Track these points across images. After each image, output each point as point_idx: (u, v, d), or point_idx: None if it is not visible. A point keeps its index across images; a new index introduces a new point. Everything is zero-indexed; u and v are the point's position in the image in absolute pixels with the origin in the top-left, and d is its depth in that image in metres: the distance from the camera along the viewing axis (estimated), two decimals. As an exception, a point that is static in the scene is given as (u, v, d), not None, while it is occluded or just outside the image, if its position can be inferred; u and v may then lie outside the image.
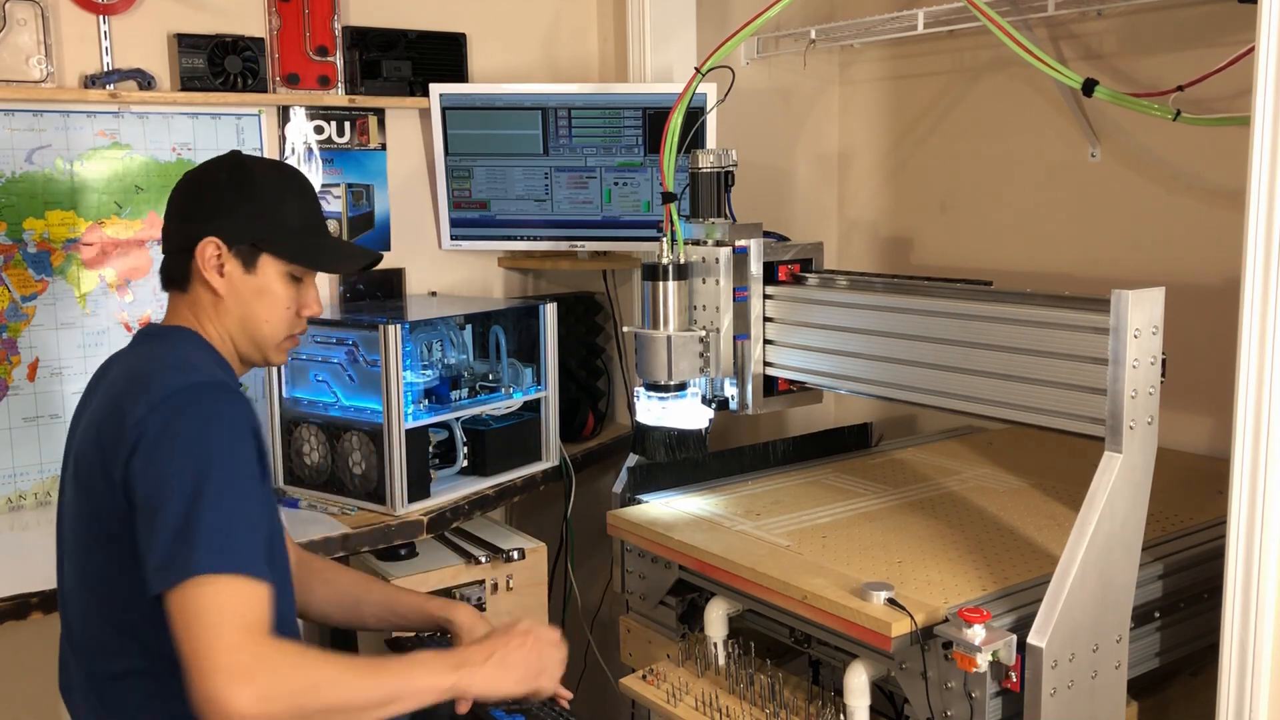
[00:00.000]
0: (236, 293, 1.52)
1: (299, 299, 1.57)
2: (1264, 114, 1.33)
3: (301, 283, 1.57)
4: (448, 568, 2.20)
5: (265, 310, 1.53)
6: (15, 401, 2.24)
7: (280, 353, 1.58)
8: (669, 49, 2.70)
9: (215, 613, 1.29)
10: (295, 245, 1.54)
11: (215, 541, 1.30)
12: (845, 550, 1.76)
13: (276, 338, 1.56)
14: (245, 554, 1.32)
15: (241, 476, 1.36)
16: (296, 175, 1.60)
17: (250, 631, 1.30)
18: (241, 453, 1.37)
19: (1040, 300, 1.60)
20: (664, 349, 1.95)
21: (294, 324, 1.58)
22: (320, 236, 1.60)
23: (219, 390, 1.41)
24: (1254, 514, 1.39)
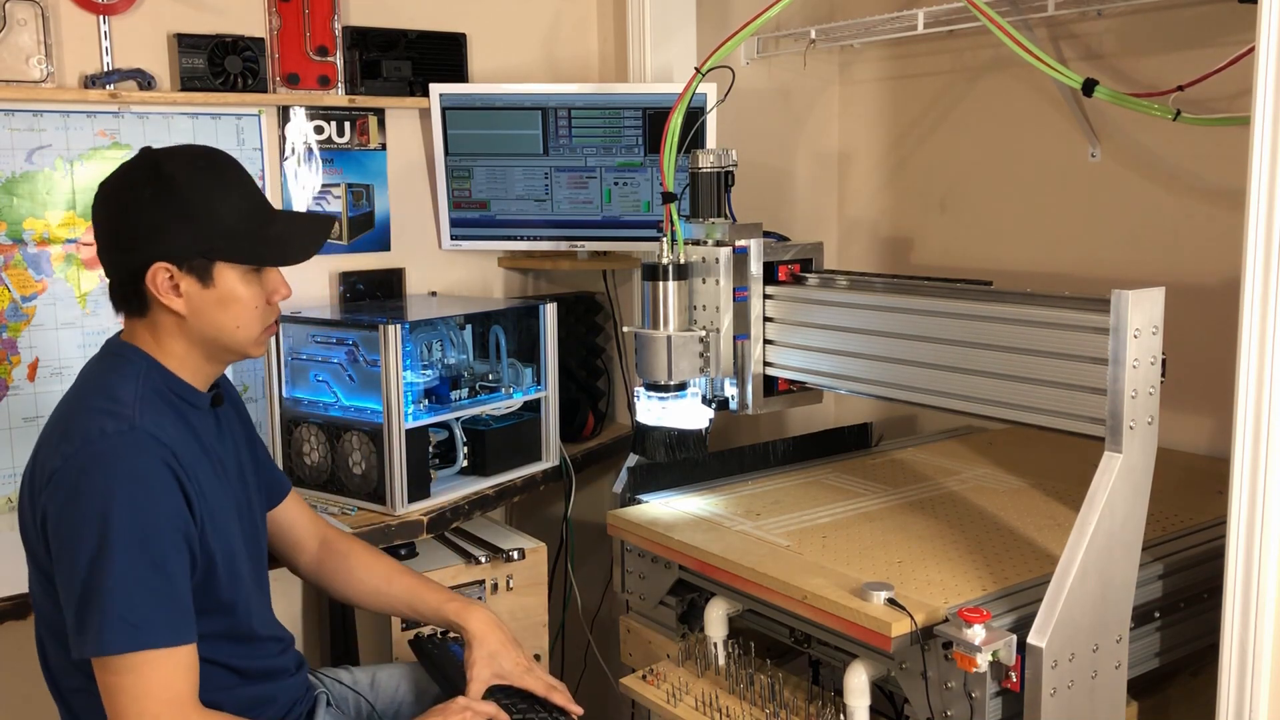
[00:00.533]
0: (199, 309, 1.47)
1: (263, 291, 1.52)
2: (1264, 114, 1.33)
3: (261, 273, 1.52)
4: (448, 568, 2.20)
5: (234, 317, 1.49)
6: (15, 401, 2.24)
7: (260, 346, 1.55)
8: (669, 49, 2.70)
9: (136, 689, 1.33)
10: (247, 245, 1.48)
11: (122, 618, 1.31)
12: (845, 550, 1.76)
13: (252, 337, 1.52)
14: (157, 625, 1.33)
15: (150, 538, 1.34)
16: (217, 164, 1.50)
17: (172, 705, 1.34)
18: (150, 511, 1.35)
19: (1040, 300, 1.60)
20: (664, 349, 1.95)
21: (266, 315, 1.53)
22: (267, 224, 1.51)
23: (130, 440, 1.37)
24: (1254, 514, 1.39)
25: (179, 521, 1.39)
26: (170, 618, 1.36)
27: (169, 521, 1.37)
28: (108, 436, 1.37)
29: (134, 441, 1.37)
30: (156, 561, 1.35)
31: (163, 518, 1.37)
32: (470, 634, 1.71)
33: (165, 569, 1.36)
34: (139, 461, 1.36)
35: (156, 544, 1.35)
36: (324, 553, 1.81)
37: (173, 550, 1.37)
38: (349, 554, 1.81)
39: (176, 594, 1.37)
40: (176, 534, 1.38)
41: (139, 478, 1.36)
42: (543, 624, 2.32)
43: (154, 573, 1.35)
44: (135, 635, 1.32)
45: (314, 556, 1.82)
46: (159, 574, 1.35)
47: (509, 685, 1.68)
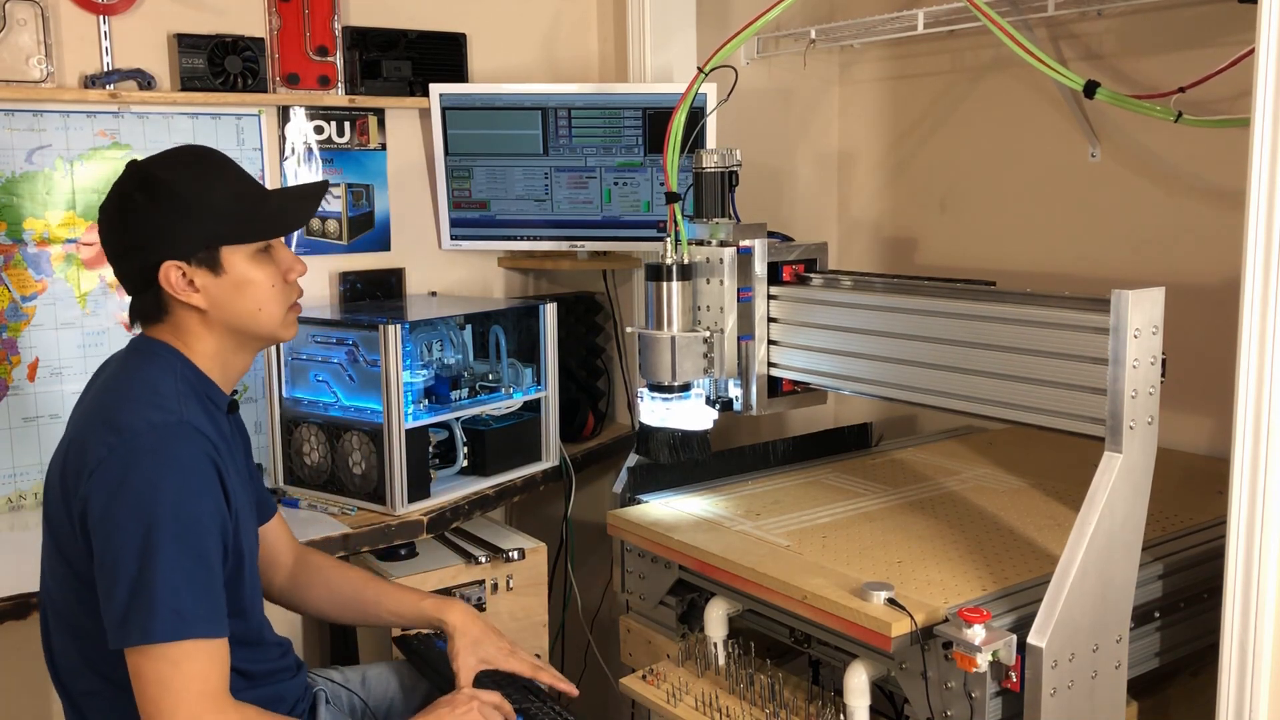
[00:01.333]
0: (218, 299, 1.48)
1: (278, 269, 1.52)
2: (1264, 115, 1.33)
3: (271, 253, 1.52)
4: (448, 568, 2.20)
5: (253, 300, 1.49)
6: (15, 401, 2.24)
7: (288, 327, 1.55)
8: (669, 49, 2.70)
9: (175, 679, 1.32)
10: (246, 224, 1.49)
11: (169, 606, 1.32)
12: (845, 550, 1.76)
13: (277, 318, 1.53)
14: (200, 616, 1.34)
15: (195, 531, 1.35)
16: (204, 156, 1.53)
17: (208, 697, 1.34)
18: (195, 503, 1.36)
19: (1040, 300, 1.60)
20: (668, 350, 1.95)
21: (286, 294, 1.54)
22: (261, 201, 1.52)
23: (178, 432, 1.38)
24: (1254, 514, 1.40)
25: (220, 515, 1.40)
26: (212, 609, 1.36)
27: (211, 514, 1.38)
28: (155, 428, 1.38)
29: (181, 433, 1.38)
30: (200, 553, 1.36)
31: (206, 510, 1.37)
32: (451, 626, 1.73)
33: (207, 561, 1.37)
34: (186, 453, 1.37)
35: (200, 535, 1.36)
36: (297, 568, 1.81)
37: (213, 543, 1.39)
38: (322, 567, 1.82)
39: (216, 587, 1.38)
40: (216, 527, 1.39)
41: (186, 469, 1.37)
42: (543, 624, 2.32)
43: (198, 564, 1.35)
44: (180, 625, 1.32)
45: (289, 574, 1.81)
46: (202, 565, 1.36)
47: (496, 670, 1.70)
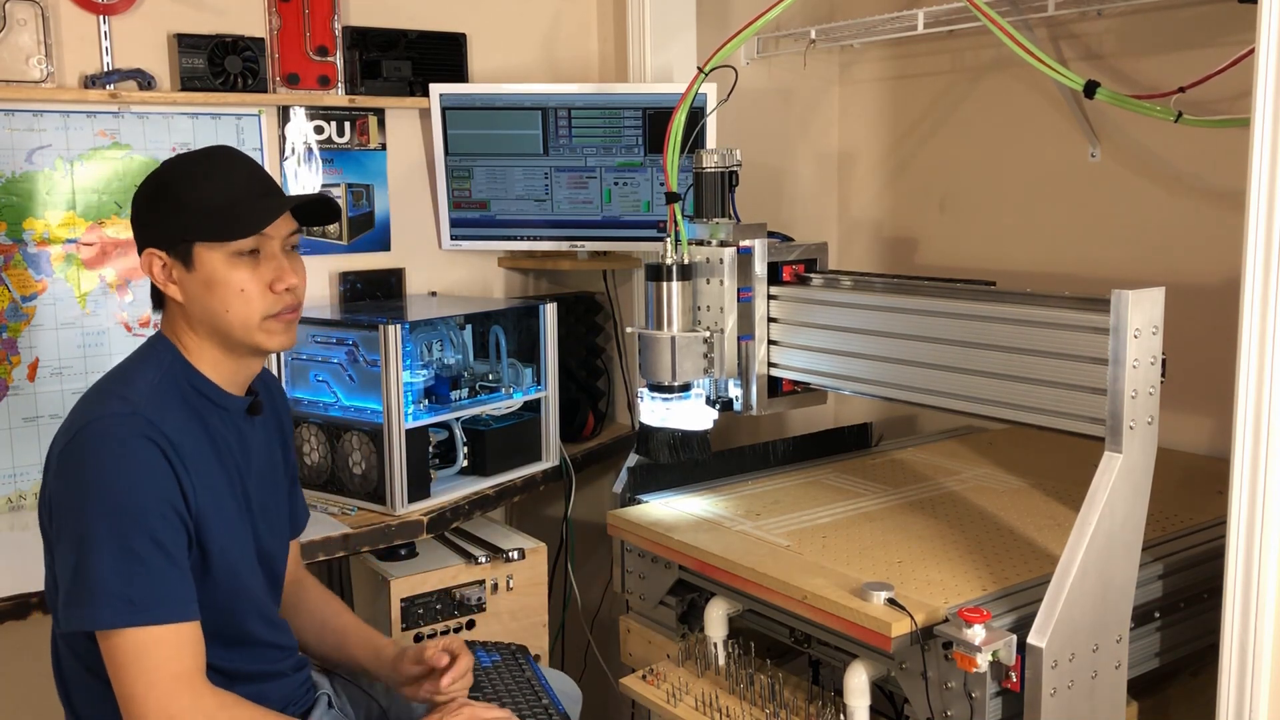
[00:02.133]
0: (191, 295, 1.48)
1: (260, 276, 1.49)
2: (1264, 115, 1.33)
3: (256, 259, 1.49)
4: (448, 568, 2.20)
5: (220, 300, 1.48)
6: (15, 401, 2.24)
7: (266, 334, 1.51)
8: (669, 49, 2.70)
9: (145, 663, 1.34)
10: (218, 224, 1.47)
11: (117, 594, 1.33)
12: (845, 550, 1.76)
13: (248, 323, 1.49)
14: (154, 602, 1.35)
15: (140, 520, 1.35)
16: (212, 154, 1.53)
17: (181, 679, 1.35)
18: (139, 493, 1.36)
19: (1040, 300, 1.60)
20: (668, 350, 1.95)
21: (268, 303, 1.50)
22: (247, 202, 1.48)
23: (127, 424, 1.38)
24: (1254, 514, 1.40)
25: (171, 500, 1.39)
26: (170, 593, 1.37)
27: (160, 499, 1.38)
28: (106, 418, 1.39)
29: (131, 425, 1.39)
30: (153, 538, 1.36)
31: (152, 496, 1.37)
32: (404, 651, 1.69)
33: (163, 546, 1.37)
34: (129, 441, 1.38)
35: (149, 520, 1.36)
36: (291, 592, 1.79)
37: (167, 527, 1.38)
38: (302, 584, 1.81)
39: (175, 570, 1.38)
40: (169, 511, 1.39)
41: (127, 454, 1.37)
42: (543, 624, 2.32)
43: (152, 549, 1.36)
44: (133, 611, 1.34)
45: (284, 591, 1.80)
46: (157, 550, 1.36)
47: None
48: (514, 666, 1.80)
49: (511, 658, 1.83)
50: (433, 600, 2.16)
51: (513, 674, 1.77)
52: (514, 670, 1.79)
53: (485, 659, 1.80)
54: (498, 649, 1.84)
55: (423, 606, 2.15)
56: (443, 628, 2.18)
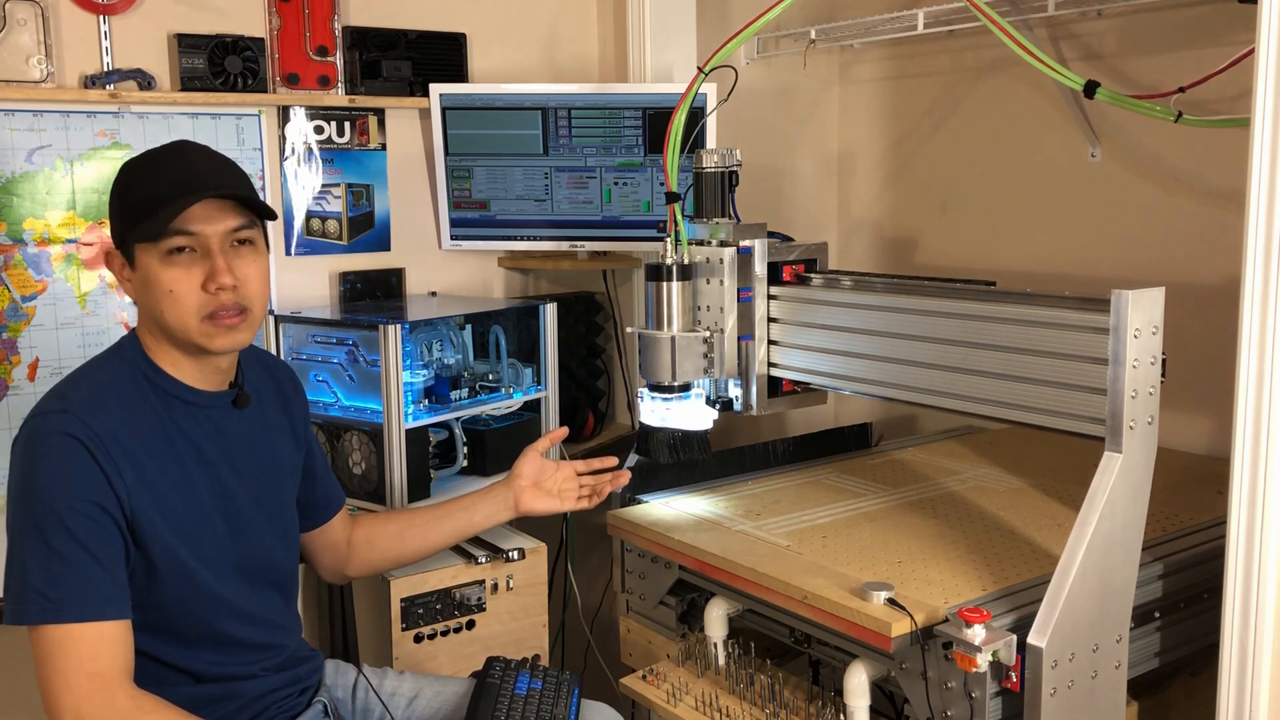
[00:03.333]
0: (136, 294, 1.49)
1: (194, 276, 1.45)
2: (1264, 115, 1.33)
3: (194, 257, 1.45)
4: (448, 567, 2.20)
5: (157, 300, 1.46)
6: (15, 401, 2.24)
7: (205, 336, 1.46)
8: (669, 49, 2.70)
9: (60, 661, 1.34)
10: (146, 222, 1.43)
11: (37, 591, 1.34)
12: (845, 550, 1.76)
13: (184, 324, 1.46)
14: (72, 601, 1.35)
15: (65, 519, 1.36)
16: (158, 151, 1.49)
17: (96, 678, 1.35)
18: (62, 488, 1.36)
19: (1040, 300, 1.61)
20: (668, 350, 1.95)
21: (200, 302, 1.45)
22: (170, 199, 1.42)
23: (58, 423, 1.38)
24: (1254, 514, 1.40)
25: (98, 500, 1.39)
26: (90, 592, 1.36)
27: (81, 498, 1.37)
28: (40, 415, 1.41)
29: (59, 422, 1.39)
30: (75, 537, 1.36)
31: (74, 495, 1.37)
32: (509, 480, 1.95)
33: (84, 544, 1.36)
34: (54, 440, 1.38)
35: (70, 519, 1.36)
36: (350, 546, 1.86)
37: (91, 526, 1.38)
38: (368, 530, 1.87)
39: (99, 569, 1.37)
40: (96, 510, 1.38)
41: (51, 453, 1.38)
42: (543, 624, 2.31)
43: (74, 547, 1.36)
44: (50, 609, 1.34)
45: (344, 555, 1.86)
46: (78, 549, 1.36)
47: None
48: (551, 699, 1.71)
49: (554, 689, 1.73)
50: (433, 600, 2.16)
51: (543, 705, 1.69)
52: (548, 702, 1.70)
53: (524, 685, 1.73)
54: (545, 676, 1.75)
55: (422, 606, 2.15)
56: (442, 628, 2.17)
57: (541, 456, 1.99)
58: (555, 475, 1.99)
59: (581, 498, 2.00)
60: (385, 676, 1.80)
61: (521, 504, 1.96)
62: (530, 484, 1.97)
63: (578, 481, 2.00)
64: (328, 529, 1.83)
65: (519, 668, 1.76)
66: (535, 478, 1.98)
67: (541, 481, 1.98)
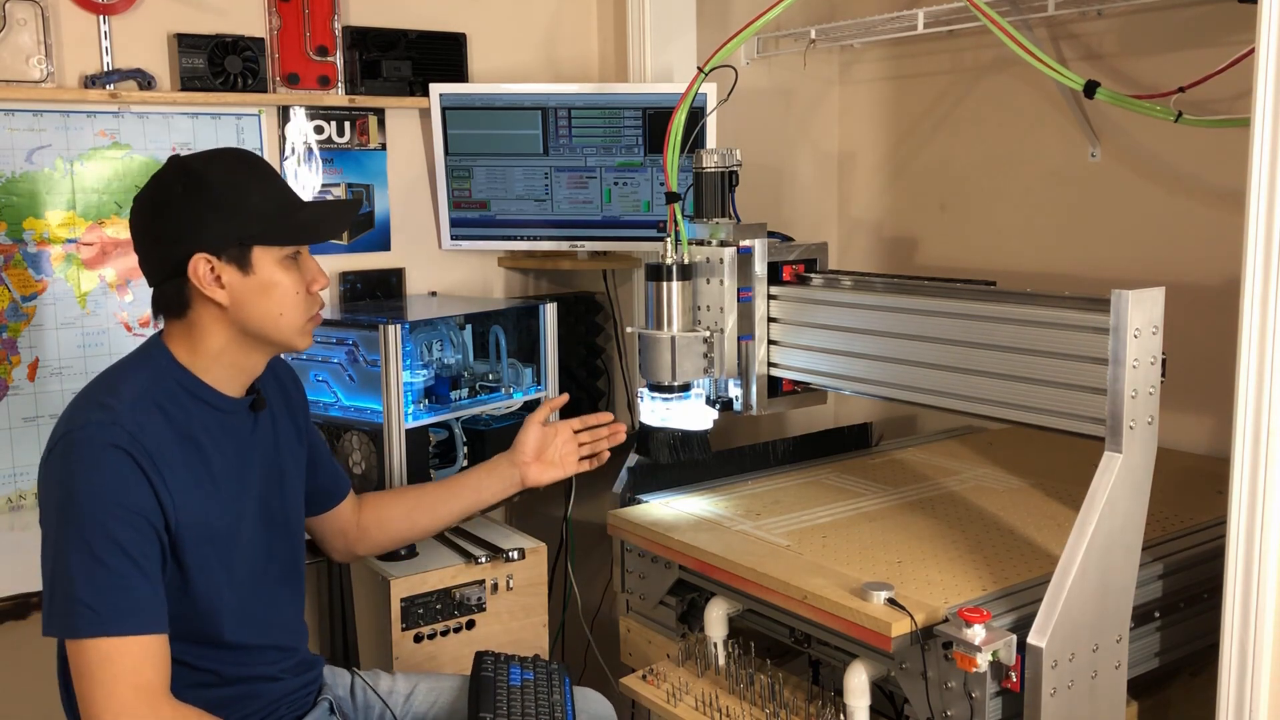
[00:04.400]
0: (241, 298, 1.47)
1: (303, 278, 1.52)
2: (1264, 115, 1.33)
3: (299, 261, 1.52)
4: (448, 567, 2.20)
5: (277, 304, 1.49)
6: (15, 401, 2.24)
7: (305, 336, 1.54)
8: (669, 49, 2.70)
9: (105, 674, 1.33)
10: (282, 228, 1.49)
11: (84, 603, 1.33)
12: (845, 550, 1.76)
13: (297, 325, 1.52)
14: (118, 613, 1.34)
15: (108, 530, 1.35)
16: (246, 158, 1.53)
17: (140, 691, 1.34)
18: (110, 499, 1.36)
19: (1041, 300, 1.61)
20: (668, 350, 1.95)
21: (309, 304, 1.54)
22: (298, 209, 1.53)
23: (105, 434, 1.38)
24: (1254, 514, 1.40)
25: (144, 511, 1.39)
26: (137, 606, 1.36)
27: (130, 510, 1.37)
28: (86, 427, 1.39)
29: (108, 433, 1.38)
30: (123, 550, 1.35)
31: (123, 507, 1.37)
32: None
33: (131, 557, 1.36)
34: (104, 450, 1.37)
35: (119, 531, 1.36)
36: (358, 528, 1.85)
37: (138, 538, 1.37)
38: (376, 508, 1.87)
39: (145, 582, 1.37)
40: (141, 522, 1.38)
41: (100, 465, 1.37)
42: (543, 624, 2.31)
43: (122, 560, 1.35)
44: (98, 622, 1.33)
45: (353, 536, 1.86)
46: (126, 561, 1.35)
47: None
48: (545, 688, 1.74)
49: (545, 679, 1.77)
50: (433, 600, 2.16)
51: (539, 695, 1.72)
52: (543, 691, 1.73)
53: (517, 677, 1.75)
54: (535, 667, 1.79)
55: (423, 606, 2.15)
56: (442, 628, 2.18)
57: (542, 426, 1.97)
58: (555, 442, 1.98)
59: (583, 459, 1.99)
60: (380, 677, 1.82)
61: (528, 479, 1.95)
62: (534, 458, 1.95)
63: (576, 442, 1.99)
64: (336, 514, 1.83)
65: (509, 660, 1.78)
66: (538, 450, 1.96)
67: (544, 453, 1.97)
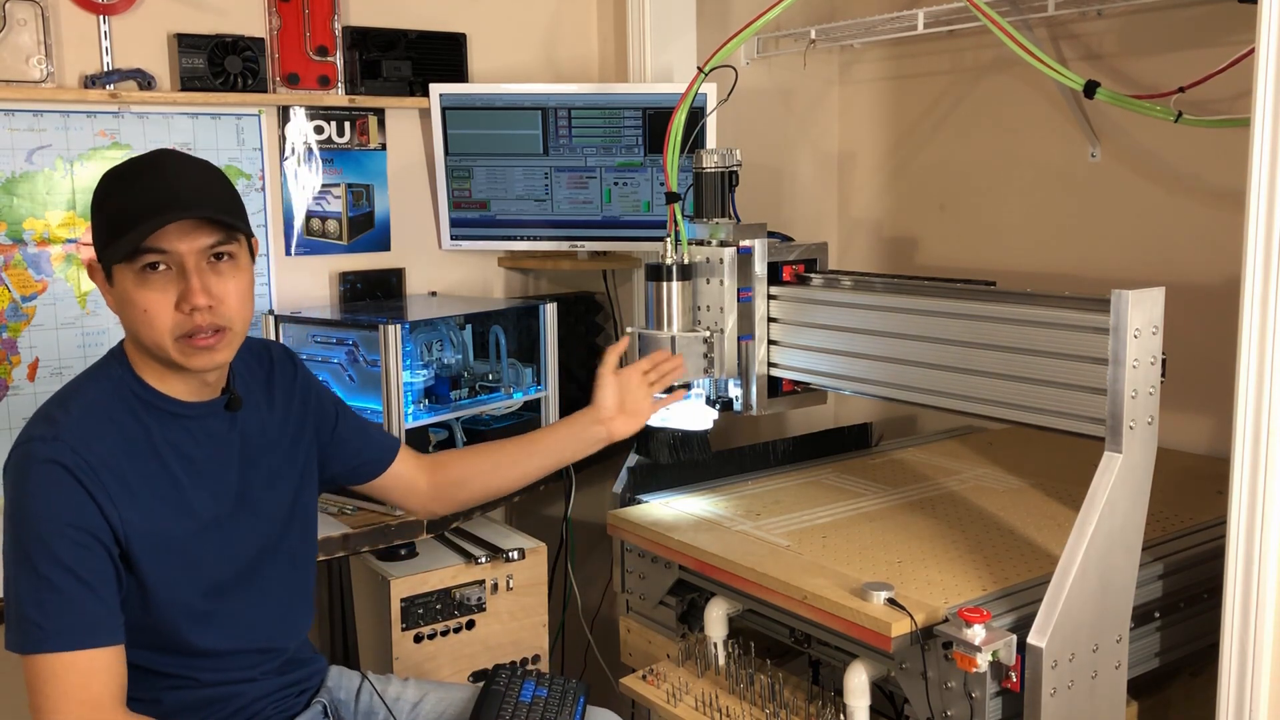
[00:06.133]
0: (116, 309, 1.45)
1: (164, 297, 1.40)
2: (1264, 115, 1.33)
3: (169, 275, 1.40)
4: (448, 568, 2.20)
5: (132, 319, 1.42)
6: (15, 401, 2.24)
7: (183, 355, 1.42)
8: (669, 49, 2.70)
9: (52, 689, 1.33)
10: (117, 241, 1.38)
11: (31, 620, 1.33)
12: (845, 550, 1.76)
13: (161, 344, 1.41)
14: (63, 630, 1.34)
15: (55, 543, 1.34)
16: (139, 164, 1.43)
17: (88, 707, 1.34)
18: (53, 517, 1.35)
19: (1040, 300, 1.61)
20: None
21: (175, 322, 1.40)
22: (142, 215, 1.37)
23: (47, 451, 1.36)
24: (1254, 514, 1.40)
25: (89, 527, 1.37)
26: (82, 620, 1.35)
27: (71, 525, 1.36)
28: (30, 441, 1.39)
29: (48, 450, 1.37)
30: (64, 565, 1.34)
31: (62, 522, 1.35)
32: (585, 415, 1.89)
33: (75, 573, 1.35)
34: (45, 466, 1.36)
35: (60, 546, 1.35)
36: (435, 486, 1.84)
37: (81, 553, 1.36)
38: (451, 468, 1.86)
39: (90, 596, 1.36)
40: (87, 538, 1.37)
41: (41, 480, 1.36)
42: (543, 624, 2.32)
43: (64, 575, 1.34)
44: (41, 638, 1.33)
45: (426, 495, 1.84)
46: (68, 576, 1.35)
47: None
48: (556, 706, 1.70)
49: (559, 697, 1.73)
50: (433, 600, 2.16)
51: (548, 712, 1.69)
52: (552, 709, 1.70)
53: (529, 693, 1.72)
54: (553, 685, 1.75)
55: (423, 606, 2.15)
56: (442, 628, 2.18)
57: (615, 377, 1.89)
58: (632, 390, 1.90)
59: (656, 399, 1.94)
60: (390, 683, 1.79)
61: (615, 433, 1.90)
62: (617, 411, 1.89)
63: (646, 384, 1.92)
64: (394, 475, 1.80)
65: (525, 675, 1.75)
66: (620, 402, 1.89)
67: (625, 403, 1.90)
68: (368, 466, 1.78)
